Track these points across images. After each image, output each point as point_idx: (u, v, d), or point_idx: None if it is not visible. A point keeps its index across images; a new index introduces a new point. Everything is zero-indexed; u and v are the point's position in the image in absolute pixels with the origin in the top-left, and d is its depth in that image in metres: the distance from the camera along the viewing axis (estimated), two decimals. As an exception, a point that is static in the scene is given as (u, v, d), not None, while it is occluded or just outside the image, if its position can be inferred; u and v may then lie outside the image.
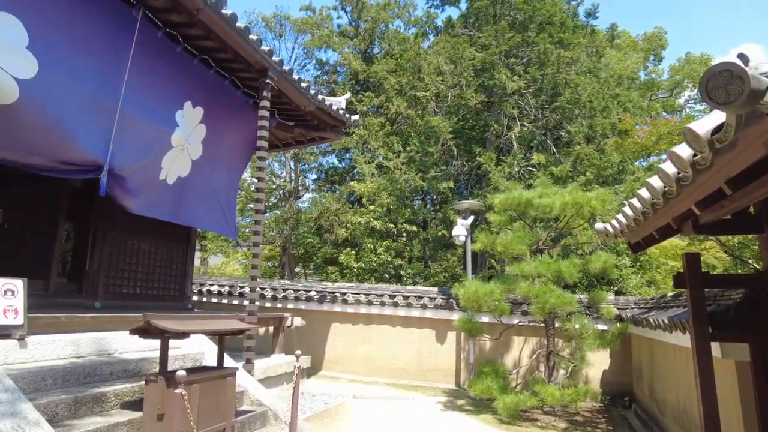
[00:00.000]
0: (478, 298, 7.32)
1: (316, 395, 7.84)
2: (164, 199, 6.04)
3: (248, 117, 7.11)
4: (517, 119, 14.10)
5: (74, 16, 4.52)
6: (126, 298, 6.70)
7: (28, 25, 4.12)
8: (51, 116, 4.35)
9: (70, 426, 3.42)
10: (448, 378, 9.12)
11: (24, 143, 4.27)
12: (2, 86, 3.97)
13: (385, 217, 14.72)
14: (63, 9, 4.42)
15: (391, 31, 18.66)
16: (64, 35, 4.43)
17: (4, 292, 3.91)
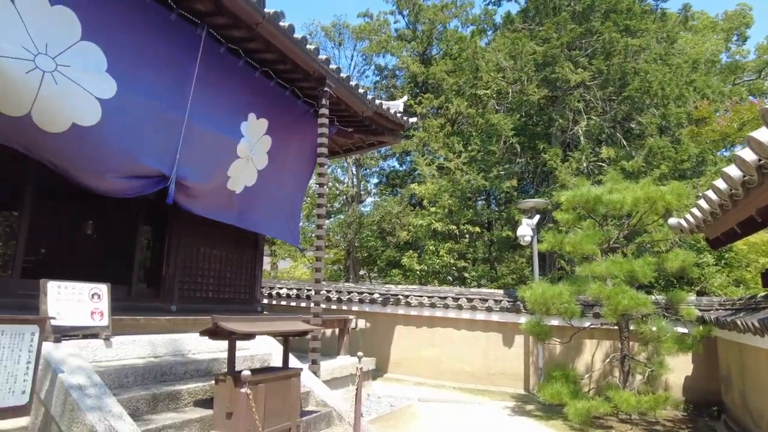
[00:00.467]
0: (546, 300, 7.06)
1: (381, 397, 7.89)
2: (231, 206, 6.33)
3: (310, 126, 7.29)
4: (583, 113, 13.53)
5: (145, 40, 4.86)
6: (199, 302, 7.07)
7: (107, 51, 4.48)
8: (127, 133, 4.69)
9: (149, 420, 3.65)
10: (517, 382, 8.87)
11: (103, 163, 4.61)
12: (88, 107, 4.34)
13: (447, 218, 14.59)
14: (135, 34, 4.76)
15: (449, 32, 18.51)
16: (136, 57, 4.77)
17: (91, 296, 4.25)
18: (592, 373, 8.02)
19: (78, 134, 4.31)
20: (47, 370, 3.47)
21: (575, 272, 7.60)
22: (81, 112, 4.31)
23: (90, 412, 3.17)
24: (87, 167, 4.52)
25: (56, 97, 4.11)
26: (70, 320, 3.95)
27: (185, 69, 5.25)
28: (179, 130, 5.15)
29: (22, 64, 3.90)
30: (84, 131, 4.33)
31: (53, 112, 4.13)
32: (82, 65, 4.28)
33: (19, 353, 2.98)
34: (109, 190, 4.84)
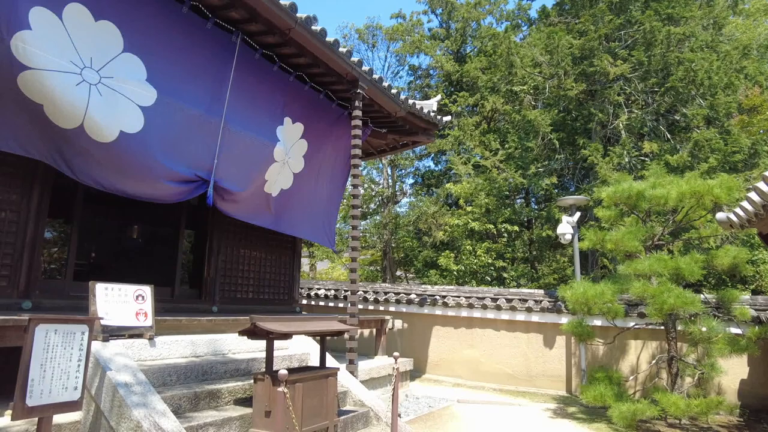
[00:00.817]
0: (587, 299, 6.86)
1: (419, 398, 7.86)
2: (268, 210, 6.45)
3: (345, 128, 7.34)
4: (624, 106, 13.09)
5: (182, 49, 5.03)
6: (239, 303, 7.24)
7: (146, 61, 4.66)
8: (168, 138, 4.86)
9: (191, 418, 3.76)
10: (558, 384, 8.66)
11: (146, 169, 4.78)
12: (132, 114, 4.54)
13: (484, 217, 14.41)
14: (173, 44, 4.94)
15: (482, 28, 18.30)
16: (175, 66, 4.94)
17: (135, 298, 4.42)
18: (638, 375, 7.74)
19: (125, 141, 4.49)
20: (96, 367, 3.63)
21: (618, 270, 7.34)
22: (126, 120, 4.50)
23: (136, 409, 3.30)
24: (132, 174, 4.70)
25: (103, 108, 4.31)
26: (116, 320, 4.13)
27: (222, 75, 5.40)
28: (217, 135, 5.30)
29: (71, 78, 4.10)
30: (130, 138, 4.52)
31: (102, 121, 4.32)
32: (124, 75, 4.47)
33: (71, 351, 3.12)
34: (153, 196, 5.01)
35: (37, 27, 3.87)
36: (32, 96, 3.92)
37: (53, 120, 4.07)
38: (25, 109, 3.96)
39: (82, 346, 3.17)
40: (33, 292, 4.72)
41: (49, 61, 3.95)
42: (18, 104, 3.94)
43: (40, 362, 2.91)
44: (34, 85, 3.89)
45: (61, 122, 4.11)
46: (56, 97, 4.00)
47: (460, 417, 6.72)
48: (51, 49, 3.97)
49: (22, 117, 4.03)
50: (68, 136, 4.20)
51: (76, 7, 4.14)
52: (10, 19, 3.72)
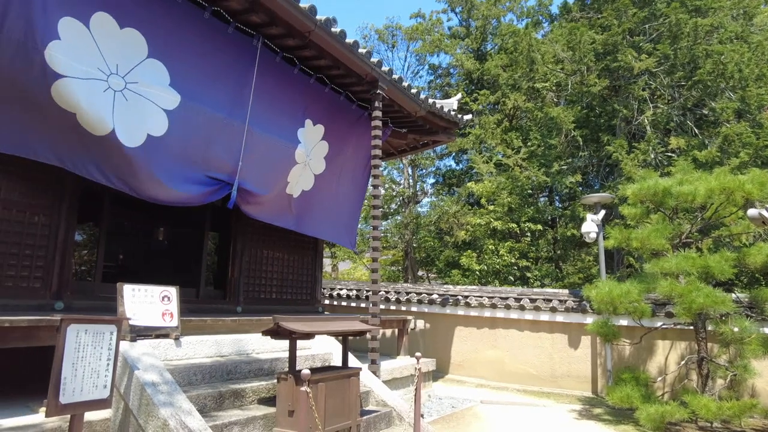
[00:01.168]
0: (613, 299, 6.74)
1: (442, 398, 7.84)
2: (290, 211, 6.52)
3: (365, 129, 7.37)
4: (649, 101, 12.81)
5: (205, 53, 5.11)
6: (263, 303, 7.33)
7: (170, 66, 4.76)
8: (191, 141, 4.96)
9: (216, 417, 3.83)
10: (583, 385, 8.52)
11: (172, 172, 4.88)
12: (156, 118, 4.64)
13: (507, 216, 14.27)
14: (196, 49, 5.03)
15: (503, 26, 18.13)
16: (197, 70, 5.03)
17: (162, 298, 4.52)
18: (666, 376, 7.57)
19: (152, 145, 4.60)
20: (125, 367, 3.72)
21: (644, 269, 7.19)
22: (152, 123, 4.61)
23: (163, 408, 3.37)
24: (159, 178, 4.80)
25: (131, 112, 4.42)
26: (143, 321, 4.22)
27: (244, 79, 5.48)
28: (239, 138, 5.37)
29: (98, 85, 4.22)
30: (156, 141, 4.63)
31: (131, 126, 4.43)
32: (149, 80, 4.58)
33: (100, 351, 3.21)
34: (178, 199, 5.10)
35: (65, 37, 3.99)
36: (65, 105, 4.02)
37: (86, 128, 4.17)
38: (59, 119, 4.06)
39: (111, 345, 3.25)
40: (65, 293, 4.87)
41: (78, 69, 4.06)
42: (53, 115, 4.03)
43: (71, 361, 3.00)
44: (66, 94, 4.00)
45: (93, 129, 4.21)
46: (86, 104, 4.11)
47: (483, 418, 6.68)
48: (79, 57, 4.09)
49: (58, 128, 4.13)
50: (101, 143, 4.29)
51: (102, 16, 4.25)
52: (43, 30, 3.84)
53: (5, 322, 3.46)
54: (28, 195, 4.68)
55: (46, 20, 3.88)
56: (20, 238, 4.60)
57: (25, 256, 4.62)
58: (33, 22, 3.80)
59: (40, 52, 3.83)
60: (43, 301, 4.67)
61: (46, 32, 3.87)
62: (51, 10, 3.92)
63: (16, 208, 4.59)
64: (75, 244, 5.40)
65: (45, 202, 4.81)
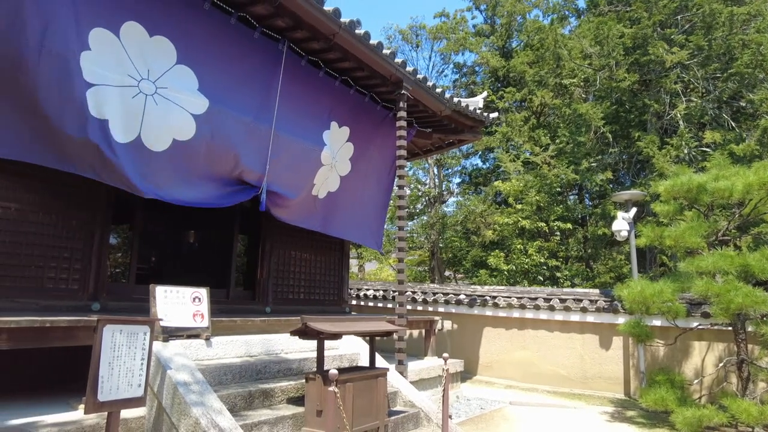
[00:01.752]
0: (645, 299, 6.56)
1: (471, 399, 7.78)
2: (315, 213, 6.58)
3: (390, 130, 7.38)
4: (682, 95, 12.44)
5: (232, 59, 5.21)
6: (291, 303, 7.41)
7: (198, 72, 4.86)
8: (219, 146, 5.05)
9: (245, 416, 3.89)
10: (615, 387, 8.33)
11: (199, 175, 4.99)
12: (184, 122, 4.74)
13: (535, 215, 14.07)
14: (223, 54, 5.12)
15: (528, 22, 17.89)
16: (225, 75, 5.12)
17: (193, 299, 4.62)
18: (703, 379, 7.33)
19: (178, 149, 4.71)
20: (158, 366, 3.82)
21: (678, 268, 6.99)
22: (179, 128, 4.71)
23: (194, 407, 3.45)
24: (185, 181, 4.91)
25: (159, 117, 4.53)
26: (175, 321, 4.32)
27: (270, 83, 5.55)
28: (267, 141, 5.45)
29: (129, 91, 4.35)
30: (182, 145, 4.73)
31: (157, 130, 4.54)
32: (178, 86, 4.68)
33: (135, 350, 3.30)
34: (205, 201, 5.20)
35: (95, 47, 4.11)
36: (97, 113, 4.13)
37: (114, 135, 4.27)
38: (91, 128, 4.15)
39: (145, 345, 3.34)
40: (101, 295, 5.03)
41: (110, 77, 4.19)
42: (86, 125, 4.12)
43: (108, 360, 3.09)
44: (99, 101, 4.12)
45: (122, 136, 4.32)
46: (118, 110, 4.24)
47: (512, 419, 6.60)
48: (110, 65, 4.21)
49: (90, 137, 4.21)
50: (128, 150, 4.40)
51: (132, 25, 4.37)
52: (75, 41, 3.98)
53: (47, 323, 3.60)
54: (66, 201, 4.85)
55: (78, 32, 4.01)
56: (59, 242, 4.78)
57: (64, 259, 4.80)
58: (66, 35, 3.93)
59: (75, 63, 3.96)
60: (80, 302, 4.84)
61: (78, 43, 4.00)
62: (82, 22, 4.05)
63: (56, 213, 4.76)
64: (109, 247, 5.56)
65: (82, 207, 4.98)
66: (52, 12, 3.86)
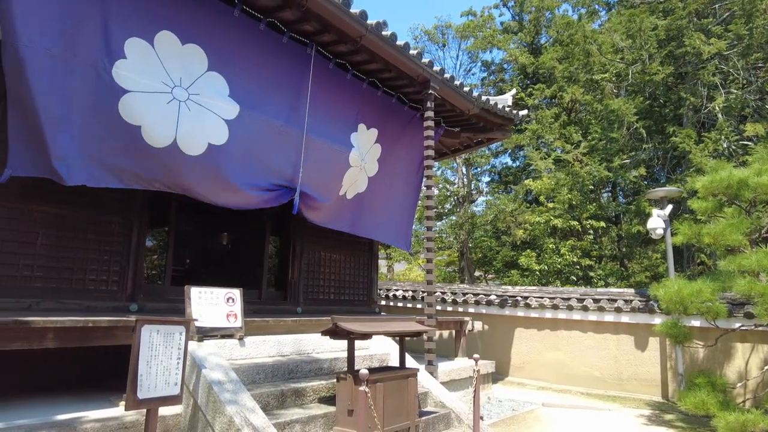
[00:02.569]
0: (682, 298, 6.36)
1: (502, 401, 7.70)
2: (344, 214, 6.63)
3: (418, 130, 7.37)
4: (721, 87, 11.99)
5: (262, 64, 5.30)
6: (321, 303, 7.49)
7: (229, 78, 4.97)
8: (251, 149, 5.15)
9: (278, 415, 3.96)
10: (652, 389, 8.10)
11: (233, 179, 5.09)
12: (217, 127, 4.86)
13: (567, 214, 13.81)
14: (253, 60, 5.22)
15: (557, 17, 17.58)
16: (255, 81, 5.22)
17: (226, 300, 4.72)
18: (747, 382, 7.06)
19: (212, 153, 4.82)
20: (193, 366, 3.92)
21: (718, 267, 6.75)
22: (213, 133, 4.82)
23: (228, 405, 3.53)
24: (219, 184, 5.02)
25: (193, 122, 4.65)
26: (209, 322, 4.43)
27: (299, 87, 5.63)
28: (297, 145, 5.53)
29: (162, 97, 4.48)
30: (216, 150, 4.85)
31: (192, 135, 4.66)
32: (210, 92, 4.80)
33: (171, 350, 3.39)
34: (238, 204, 5.31)
35: (131, 55, 4.26)
36: (131, 119, 4.27)
37: (148, 141, 4.39)
38: (124, 135, 4.27)
39: (180, 345, 3.43)
40: (138, 296, 5.20)
41: (144, 84, 4.33)
42: (119, 133, 4.25)
43: (146, 359, 3.19)
44: (133, 108, 4.26)
45: (156, 142, 4.44)
46: (151, 116, 4.37)
47: (545, 421, 6.50)
48: (145, 72, 4.35)
49: (121, 146, 4.31)
50: (162, 154, 4.53)
51: (165, 34, 4.51)
52: (111, 50, 4.13)
53: (89, 323, 3.75)
54: (106, 206, 5.04)
55: (114, 41, 4.16)
56: (100, 245, 4.97)
57: (104, 262, 4.98)
58: (101, 45, 4.09)
59: (108, 72, 4.11)
60: (119, 303, 5.02)
61: (114, 52, 4.15)
62: (118, 32, 4.20)
63: (97, 218, 4.95)
64: (146, 249, 5.74)
65: (120, 211, 5.16)
66: (88, 23, 4.02)
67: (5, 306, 4.25)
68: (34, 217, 4.57)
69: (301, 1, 4.98)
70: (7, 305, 4.26)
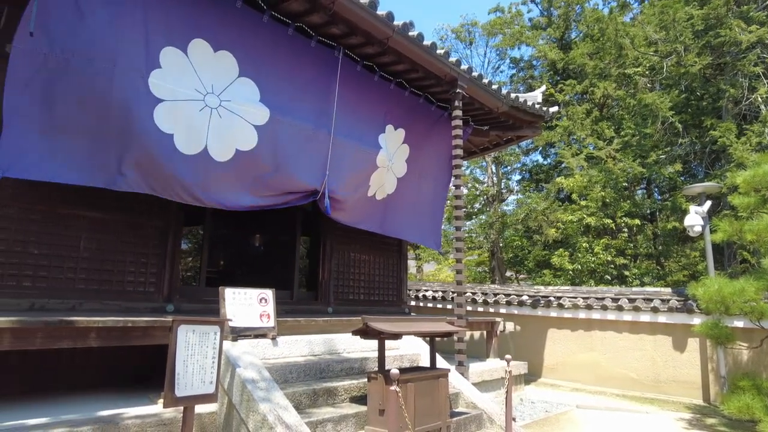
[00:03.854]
0: (723, 298, 6.13)
1: (535, 402, 7.60)
2: (373, 214, 6.66)
3: (446, 129, 7.35)
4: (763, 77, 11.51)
5: (291, 70, 5.38)
6: (352, 304, 7.55)
7: (259, 83, 5.07)
8: (280, 155, 5.23)
9: (310, 414, 4.01)
10: (692, 392, 7.84)
11: (261, 183, 5.18)
12: (247, 133, 4.95)
13: (601, 212, 13.50)
14: (282, 65, 5.31)
15: (587, 11, 17.21)
16: (284, 85, 5.31)
17: (259, 300, 4.82)
18: (795, 385, 6.75)
19: (240, 159, 4.92)
20: (227, 365, 4.02)
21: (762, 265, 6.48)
22: (242, 139, 4.92)
23: (262, 403, 3.60)
24: (247, 189, 5.12)
25: (223, 129, 4.76)
26: (243, 322, 4.53)
27: (328, 90, 5.69)
28: (326, 147, 5.59)
29: (195, 105, 4.60)
30: (245, 155, 4.94)
31: (221, 142, 4.77)
32: (240, 98, 4.90)
33: (206, 349, 3.48)
34: (264, 207, 5.41)
35: (166, 64, 4.38)
36: (164, 127, 4.38)
37: (180, 149, 4.49)
38: (157, 144, 4.37)
39: (215, 345, 3.52)
40: (174, 297, 5.35)
41: (178, 92, 4.45)
42: (151, 141, 4.34)
43: (182, 358, 3.28)
44: (167, 116, 4.38)
45: (187, 149, 4.55)
46: (185, 123, 4.49)
47: (580, 423, 6.38)
48: (179, 81, 4.47)
49: (155, 153, 4.39)
50: (193, 162, 4.62)
51: (198, 42, 4.63)
52: (146, 60, 4.26)
53: (128, 323, 3.89)
54: (143, 210, 5.21)
55: (149, 51, 4.29)
56: (138, 248, 5.15)
57: (141, 264, 5.15)
58: (138, 55, 4.22)
59: (144, 82, 4.24)
60: (156, 303, 5.17)
61: (149, 62, 4.28)
62: (153, 42, 4.33)
63: (135, 222, 5.13)
64: (182, 251, 5.90)
65: (157, 215, 5.32)
66: (126, 35, 4.16)
67: (52, 306, 4.45)
68: (78, 222, 4.76)
69: (328, 5, 5.04)
70: (54, 306, 4.46)
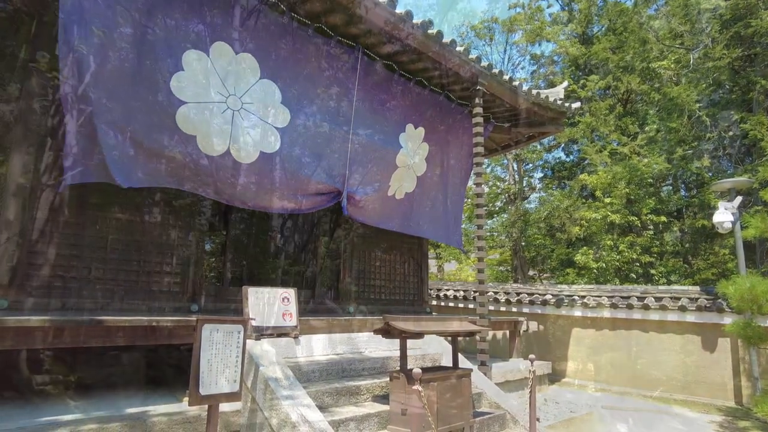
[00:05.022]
0: (756, 296, 5.95)
1: (559, 402, 7.49)
2: (393, 213, 6.65)
3: (466, 127, 7.31)
4: (796, 68, 11.13)
5: (312, 70, 5.41)
6: (373, 303, 7.55)
7: (281, 86, 5.11)
8: (302, 155, 5.27)
9: (333, 412, 4.02)
10: (722, 393, 7.63)
11: (284, 185, 5.23)
12: (270, 136, 5.00)
13: (625, 209, 13.23)
14: (303, 66, 5.34)
15: (609, 5, 16.87)
16: (305, 86, 5.34)
17: (281, 300, 4.86)
18: (832, 386, 6.52)
19: (264, 161, 4.97)
20: (251, 363, 4.06)
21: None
22: (265, 141, 4.97)
23: (285, 401, 3.63)
24: (271, 191, 5.17)
25: (246, 131, 4.81)
26: (266, 321, 4.57)
27: (347, 90, 5.71)
28: (346, 148, 5.61)
29: (218, 107, 4.65)
30: (268, 158, 4.99)
31: (245, 144, 4.82)
32: (263, 99, 4.95)
33: (230, 348, 3.52)
34: (289, 208, 5.45)
35: (188, 67, 4.45)
36: (187, 129, 4.46)
37: (203, 149, 4.58)
38: (180, 143, 4.47)
39: (239, 343, 3.55)
40: (198, 297, 5.43)
41: (200, 94, 4.52)
42: (175, 141, 4.45)
43: (207, 357, 3.33)
44: (189, 118, 4.45)
45: (210, 150, 4.62)
46: (207, 125, 4.55)
47: (605, 424, 6.27)
48: (201, 83, 4.54)
49: (177, 153, 4.50)
50: (216, 163, 4.69)
51: (220, 45, 4.69)
52: (169, 63, 4.33)
53: (154, 322, 3.96)
54: (169, 212, 5.30)
55: (172, 55, 4.36)
56: (163, 249, 5.23)
57: (166, 264, 5.24)
58: (161, 59, 4.29)
59: (167, 84, 4.31)
60: (181, 303, 5.26)
61: (172, 65, 4.34)
62: (176, 46, 4.40)
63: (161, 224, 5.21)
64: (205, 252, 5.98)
65: (181, 217, 5.41)
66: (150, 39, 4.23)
67: (82, 306, 4.56)
68: (106, 224, 4.87)
69: (348, 5, 5.05)
70: (84, 305, 4.57)
